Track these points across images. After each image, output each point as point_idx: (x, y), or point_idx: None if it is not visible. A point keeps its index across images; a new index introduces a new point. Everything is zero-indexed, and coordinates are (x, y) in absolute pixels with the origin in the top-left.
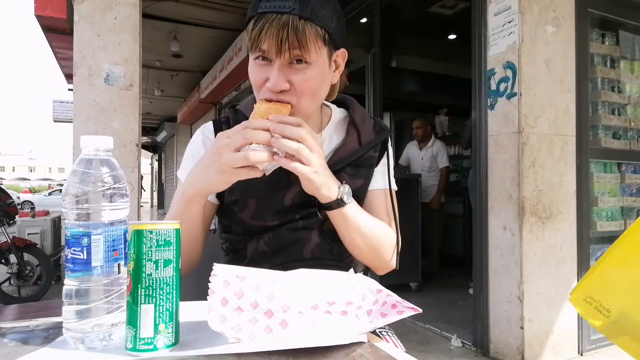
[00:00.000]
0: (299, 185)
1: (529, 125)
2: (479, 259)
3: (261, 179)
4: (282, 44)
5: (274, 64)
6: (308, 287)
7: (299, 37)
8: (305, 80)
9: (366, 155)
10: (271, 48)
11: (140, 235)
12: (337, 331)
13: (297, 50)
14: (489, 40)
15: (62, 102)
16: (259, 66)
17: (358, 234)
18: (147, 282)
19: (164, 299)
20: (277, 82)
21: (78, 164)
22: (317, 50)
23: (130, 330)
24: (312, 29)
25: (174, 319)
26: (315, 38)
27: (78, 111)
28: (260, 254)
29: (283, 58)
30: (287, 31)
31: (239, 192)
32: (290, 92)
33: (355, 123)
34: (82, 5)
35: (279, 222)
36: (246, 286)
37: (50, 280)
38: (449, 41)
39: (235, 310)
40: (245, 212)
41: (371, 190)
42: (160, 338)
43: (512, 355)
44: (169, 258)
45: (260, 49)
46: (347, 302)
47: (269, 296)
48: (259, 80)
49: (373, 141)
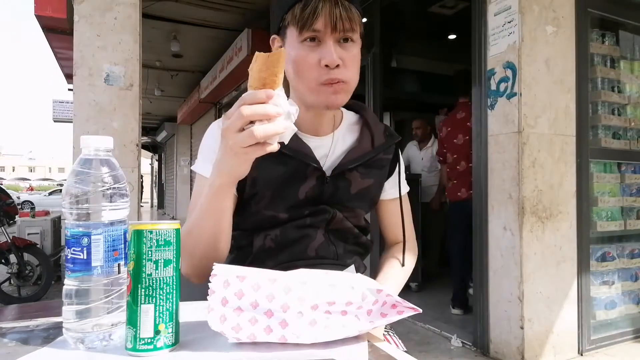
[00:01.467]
0: (314, 180)
1: (529, 125)
2: (479, 259)
3: (280, 171)
4: (337, 21)
5: (326, 43)
6: (308, 287)
7: (349, 15)
8: (354, 56)
9: (378, 157)
10: (327, 26)
11: (140, 235)
12: (337, 331)
13: (348, 26)
14: (489, 40)
15: (62, 102)
16: (308, 48)
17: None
18: (147, 282)
19: (164, 299)
20: (334, 57)
21: (78, 164)
22: (359, 29)
23: (130, 330)
24: (355, 10)
25: (174, 319)
26: (358, 19)
27: (78, 111)
28: (266, 251)
29: (337, 34)
30: (340, 10)
31: (260, 185)
32: (342, 69)
33: (370, 125)
34: (82, 5)
35: (288, 217)
36: (246, 286)
37: (50, 280)
38: (449, 41)
39: (235, 310)
40: (261, 203)
41: (385, 200)
42: (161, 338)
43: (512, 355)
44: (169, 258)
45: (313, 29)
46: (347, 302)
47: (269, 296)
48: (311, 62)
49: (384, 144)
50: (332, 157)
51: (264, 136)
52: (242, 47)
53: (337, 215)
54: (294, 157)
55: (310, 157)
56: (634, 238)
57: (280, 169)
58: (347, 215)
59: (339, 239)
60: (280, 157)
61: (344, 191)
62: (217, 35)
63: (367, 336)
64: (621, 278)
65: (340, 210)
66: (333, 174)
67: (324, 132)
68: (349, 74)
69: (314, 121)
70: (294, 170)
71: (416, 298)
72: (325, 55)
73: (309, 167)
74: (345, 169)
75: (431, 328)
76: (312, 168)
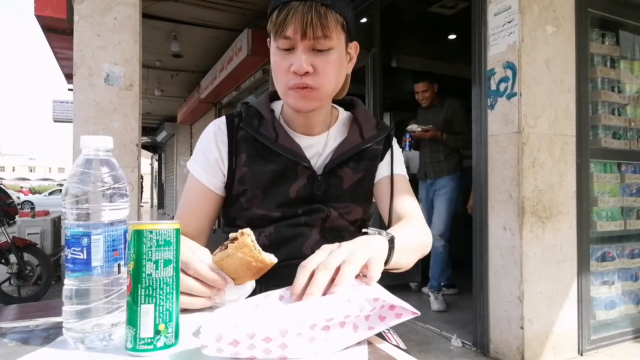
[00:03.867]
0: (304, 179)
1: (529, 125)
2: (479, 259)
3: (269, 169)
4: (307, 28)
5: (298, 50)
6: (304, 310)
7: (322, 21)
8: (327, 63)
9: (368, 149)
10: (296, 32)
11: (140, 235)
12: (337, 341)
13: (320, 33)
14: (489, 40)
15: (62, 102)
16: (281, 55)
17: (407, 261)
18: (147, 282)
19: (164, 299)
20: (302, 64)
21: (78, 164)
22: (337, 35)
23: (130, 330)
24: (332, 15)
25: (174, 319)
26: (336, 24)
27: (78, 111)
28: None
29: (307, 41)
30: (312, 16)
31: (249, 182)
32: (313, 76)
33: (358, 120)
34: (82, 5)
35: (281, 215)
36: (241, 335)
37: (50, 280)
38: (449, 41)
39: (231, 344)
40: (252, 201)
41: (378, 180)
42: (161, 338)
43: (512, 355)
44: (169, 258)
45: (285, 36)
46: (345, 315)
47: (266, 323)
48: (283, 67)
49: (375, 136)
50: (324, 155)
51: (185, 303)
52: (242, 47)
53: (332, 214)
54: (283, 156)
55: (300, 156)
56: (634, 238)
57: (270, 167)
58: (342, 212)
59: (335, 237)
60: (271, 155)
61: (336, 188)
62: (217, 35)
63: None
64: (621, 278)
65: (335, 208)
66: (324, 171)
67: (317, 132)
68: (320, 80)
69: (304, 121)
70: (284, 169)
71: (416, 298)
72: (294, 62)
73: (299, 165)
74: (336, 165)
75: (431, 328)
76: (302, 167)
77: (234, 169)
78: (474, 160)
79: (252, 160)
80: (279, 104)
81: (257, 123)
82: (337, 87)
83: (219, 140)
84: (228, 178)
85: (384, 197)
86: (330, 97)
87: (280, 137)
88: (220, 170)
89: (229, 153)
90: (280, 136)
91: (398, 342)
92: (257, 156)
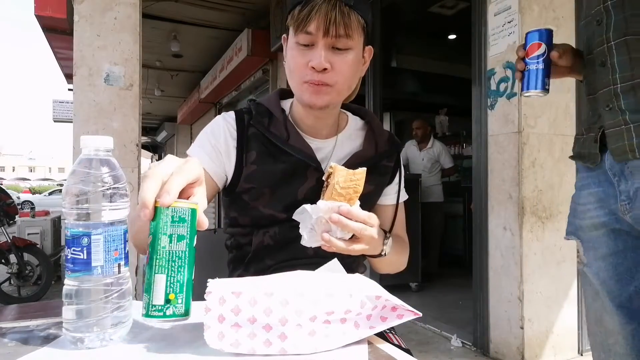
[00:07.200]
0: (313, 181)
1: (529, 125)
2: (479, 259)
3: (279, 169)
4: (330, 25)
5: (318, 46)
6: (305, 299)
7: (345, 20)
8: (345, 62)
9: (380, 164)
10: (319, 29)
11: (159, 211)
12: (337, 339)
13: (342, 32)
14: (489, 40)
15: (62, 102)
16: (300, 50)
17: (388, 266)
18: (161, 254)
19: (175, 271)
20: (322, 61)
21: (78, 164)
22: (357, 36)
23: (146, 297)
24: (355, 16)
25: (184, 291)
26: (357, 25)
27: (78, 111)
28: (265, 248)
29: (329, 38)
30: (336, 14)
31: (257, 180)
32: (330, 73)
33: (375, 132)
34: (82, 5)
35: (287, 216)
36: (242, 302)
37: (50, 280)
38: (449, 41)
39: (233, 327)
40: (259, 200)
41: (383, 205)
42: (170, 307)
43: (512, 355)
44: (182, 234)
45: (306, 31)
46: (345, 310)
47: (267, 310)
48: (300, 63)
49: (388, 152)
50: (334, 159)
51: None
52: (242, 47)
53: None
54: (294, 156)
55: (311, 158)
56: None
57: (280, 166)
58: None
59: None
60: (281, 154)
61: None
62: (217, 35)
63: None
64: None
65: None
66: None
67: (326, 135)
68: (336, 78)
69: (313, 123)
70: (294, 169)
71: (416, 298)
72: (313, 58)
73: (310, 167)
74: None
75: (431, 328)
76: (312, 169)
77: (242, 166)
78: (474, 160)
79: (261, 159)
80: (288, 103)
81: (267, 121)
82: (351, 88)
83: (228, 133)
84: (234, 174)
85: (384, 220)
86: (343, 98)
87: (292, 137)
88: (224, 162)
89: (238, 148)
90: (292, 136)
91: (400, 342)
92: (267, 155)
